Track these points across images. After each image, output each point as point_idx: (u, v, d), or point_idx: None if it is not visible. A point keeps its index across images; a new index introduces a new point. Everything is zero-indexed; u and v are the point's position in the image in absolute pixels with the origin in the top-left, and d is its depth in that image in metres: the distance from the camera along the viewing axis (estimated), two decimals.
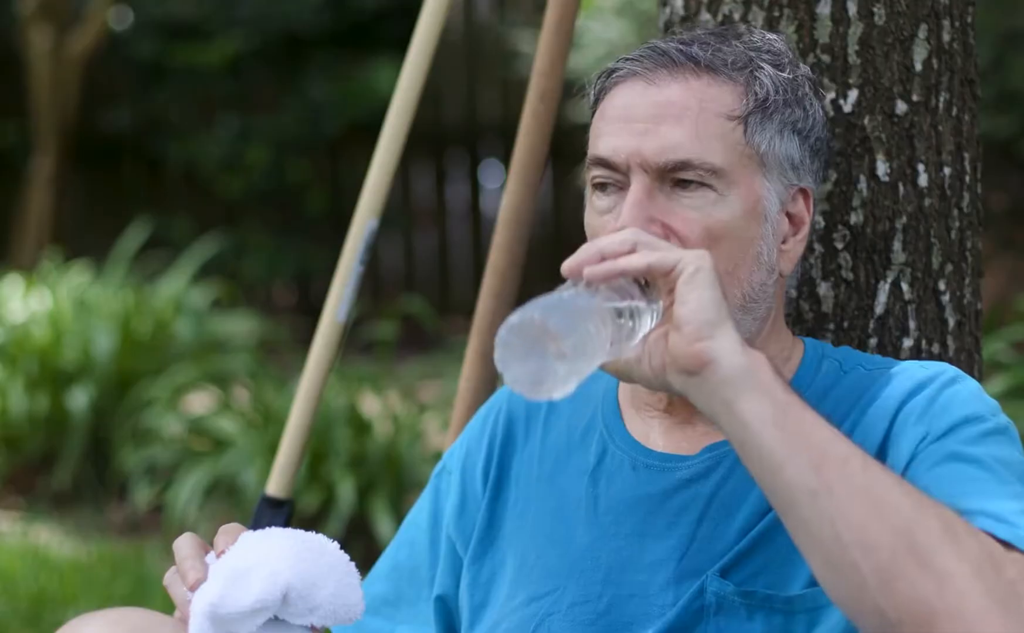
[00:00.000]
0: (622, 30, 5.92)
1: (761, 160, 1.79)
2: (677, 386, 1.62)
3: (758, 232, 1.79)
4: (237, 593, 1.64)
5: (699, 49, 1.81)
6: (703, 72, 1.79)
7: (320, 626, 1.69)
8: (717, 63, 1.80)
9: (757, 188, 1.79)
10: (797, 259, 1.85)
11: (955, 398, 1.73)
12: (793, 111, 1.82)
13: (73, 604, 4.42)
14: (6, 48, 8.79)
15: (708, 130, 1.77)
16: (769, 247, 1.80)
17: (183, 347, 5.96)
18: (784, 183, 1.81)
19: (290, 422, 2.45)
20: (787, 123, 1.81)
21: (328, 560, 1.69)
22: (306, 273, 8.90)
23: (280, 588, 1.65)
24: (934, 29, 2.09)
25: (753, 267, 1.79)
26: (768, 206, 1.80)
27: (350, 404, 5.21)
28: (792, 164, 1.82)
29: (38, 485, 5.74)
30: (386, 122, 2.43)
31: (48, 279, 6.36)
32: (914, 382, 1.76)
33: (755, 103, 1.79)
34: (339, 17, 8.69)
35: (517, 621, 1.83)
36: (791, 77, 1.83)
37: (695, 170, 1.76)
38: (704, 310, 1.60)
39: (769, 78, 1.81)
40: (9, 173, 8.80)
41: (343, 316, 2.44)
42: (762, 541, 1.74)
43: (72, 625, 1.75)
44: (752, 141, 1.79)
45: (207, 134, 8.69)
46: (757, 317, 1.81)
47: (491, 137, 9.28)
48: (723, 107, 1.78)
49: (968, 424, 1.71)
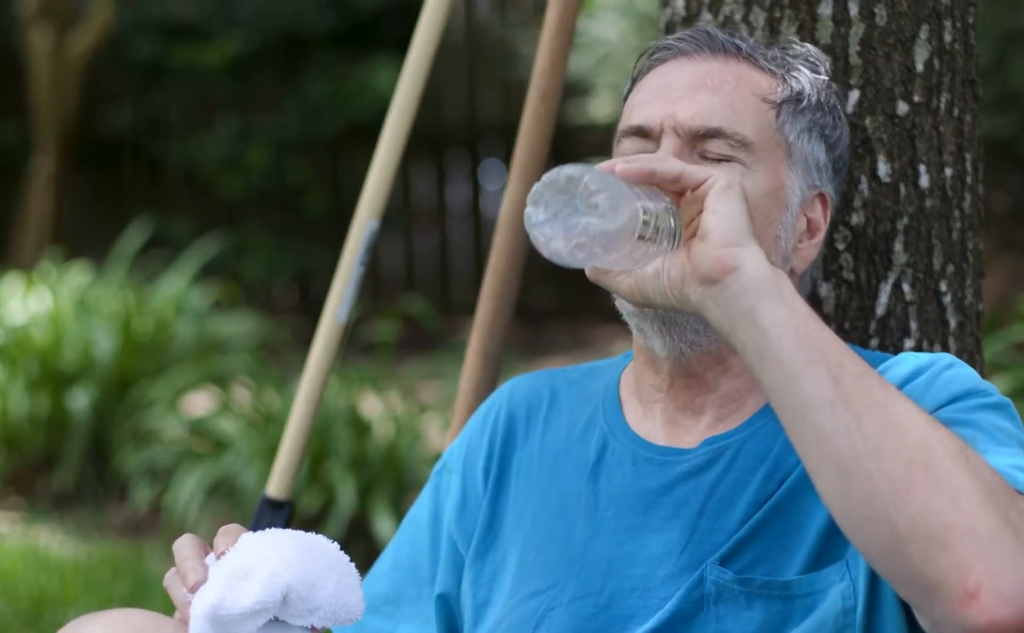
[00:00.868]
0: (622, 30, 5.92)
1: (789, 150, 1.84)
2: (694, 299, 1.62)
3: (778, 216, 1.82)
4: (237, 594, 1.64)
5: (742, 41, 1.87)
6: (744, 59, 1.85)
7: (320, 627, 1.69)
8: (757, 55, 1.86)
9: (782, 174, 1.83)
10: (810, 262, 1.87)
11: (954, 378, 1.74)
12: (824, 116, 1.88)
13: (73, 605, 4.41)
14: (6, 48, 8.78)
15: (743, 105, 1.82)
16: (787, 235, 1.83)
17: (183, 348, 5.96)
18: (807, 181, 1.85)
19: (290, 423, 2.45)
20: (816, 125, 1.86)
21: (328, 561, 1.68)
22: (306, 273, 8.90)
23: (280, 589, 1.64)
24: (935, 30, 2.09)
25: (772, 248, 1.81)
26: (790, 195, 1.83)
27: (350, 405, 5.21)
28: (817, 166, 1.86)
29: (38, 486, 5.74)
30: (386, 122, 2.43)
31: (48, 279, 6.36)
32: (912, 368, 1.76)
33: (790, 94, 1.84)
34: (339, 17, 8.69)
35: (519, 617, 1.84)
36: (825, 83, 1.89)
37: (726, 139, 1.79)
38: (734, 218, 1.61)
39: (806, 78, 1.88)
40: (9, 173, 8.80)
41: (343, 317, 2.44)
42: (761, 529, 1.75)
43: (72, 626, 1.75)
44: (783, 128, 1.83)
45: (207, 134, 8.69)
46: None
47: (491, 137, 9.28)
48: (759, 89, 1.84)
49: (968, 396, 1.71)
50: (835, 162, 1.89)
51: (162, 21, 8.66)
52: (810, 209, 1.86)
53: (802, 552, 1.72)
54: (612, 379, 1.94)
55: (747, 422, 1.83)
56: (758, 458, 1.79)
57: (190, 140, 8.67)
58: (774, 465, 1.78)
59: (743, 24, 2.09)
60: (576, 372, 2.00)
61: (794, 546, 1.71)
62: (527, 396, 1.98)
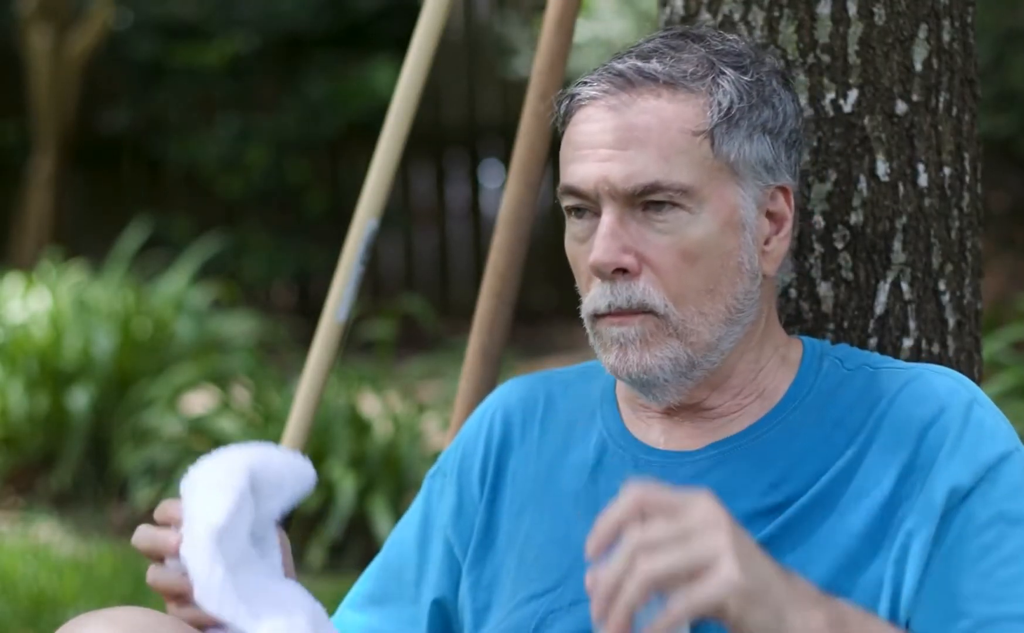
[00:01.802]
0: (622, 30, 5.92)
1: (732, 170, 1.78)
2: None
3: (737, 243, 1.78)
4: (213, 505, 1.65)
5: (657, 63, 1.79)
6: (662, 89, 1.77)
7: (290, 505, 1.73)
8: (676, 76, 1.78)
9: (731, 198, 1.78)
10: (782, 258, 1.83)
11: (983, 429, 1.72)
12: (761, 112, 1.80)
13: (73, 604, 4.41)
14: (6, 48, 8.78)
15: (674, 149, 1.76)
16: (750, 254, 1.79)
17: (183, 347, 5.96)
18: (760, 186, 1.80)
19: (290, 422, 2.45)
20: (755, 126, 1.79)
21: (255, 449, 1.73)
22: (306, 273, 8.90)
23: (244, 474, 1.68)
24: (934, 29, 2.09)
25: (736, 278, 1.78)
26: (745, 214, 1.79)
27: (350, 404, 5.21)
28: (766, 166, 1.80)
29: (38, 485, 5.74)
30: (386, 122, 2.43)
31: (48, 279, 6.36)
32: (935, 403, 1.74)
33: (719, 114, 1.77)
34: (339, 17, 8.69)
35: (518, 619, 1.83)
36: (755, 79, 1.81)
37: (665, 191, 1.75)
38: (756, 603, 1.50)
39: (731, 84, 1.78)
40: (9, 173, 8.80)
41: (343, 316, 2.44)
42: (770, 545, 1.72)
43: (72, 625, 1.74)
44: (720, 153, 1.77)
45: (207, 134, 8.69)
46: (746, 324, 1.81)
47: (491, 137, 9.28)
48: (687, 123, 1.76)
49: (1004, 463, 1.70)
50: (786, 142, 1.82)
51: (162, 21, 8.66)
52: (771, 205, 1.81)
53: (815, 576, 1.69)
54: (609, 381, 1.93)
55: (753, 426, 1.81)
56: (763, 463, 1.78)
57: (190, 140, 8.67)
58: (781, 476, 1.77)
59: (742, 24, 2.09)
60: (570, 373, 1.99)
61: (807, 569, 1.68)
62: (522, 399, 1.97)
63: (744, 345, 1.81)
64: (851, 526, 1.72)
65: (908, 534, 1.70)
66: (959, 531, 1.69)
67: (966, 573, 1.68)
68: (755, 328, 1.82)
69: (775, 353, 1.85)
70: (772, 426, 1.80)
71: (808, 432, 1.79)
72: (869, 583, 1.70)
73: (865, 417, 1.77)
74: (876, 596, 1.70)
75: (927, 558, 1.69)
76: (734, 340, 1.79)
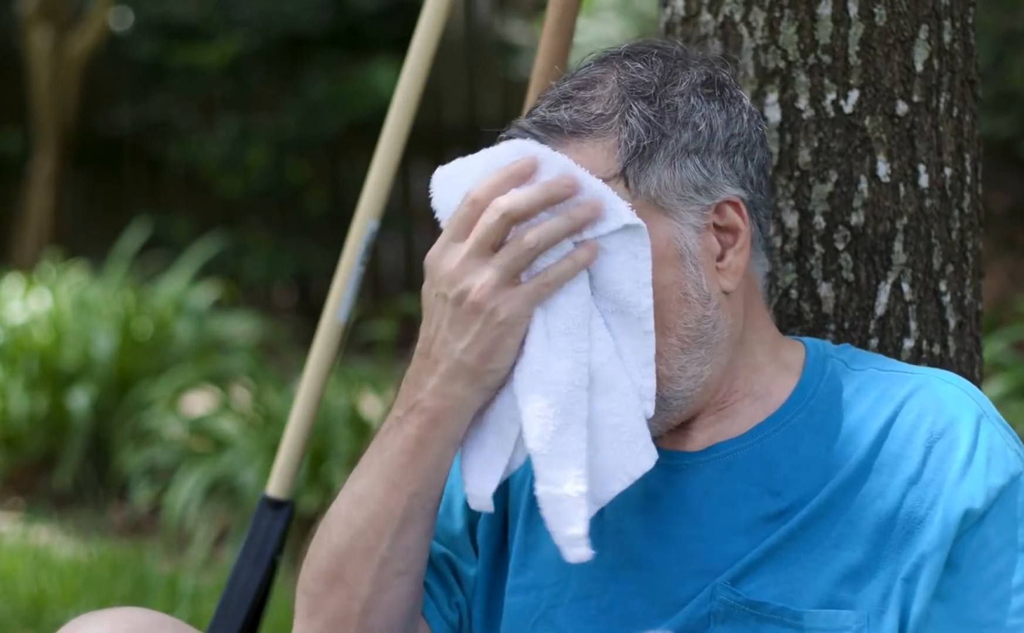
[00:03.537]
0: (622, 30, 5.92)
1: (656, 203, 1.73)
2: None
3: (676, 275, 1.73)
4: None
5: (564, 112, 1.75)
6: (569, 139, 1.74)
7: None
8: (582, 123, 1.73)
9: (662, 232, 1.73)
10: (742, 269, 1.77)
11: (993, 449, 1.71)
12: (679, 137, 1.74)
13: (73, 604, 4.41)
14: (6, 48, 8.78)
15: None
16: (696, 280, 1.74)
17: (183, 347, 5.96)
18: (694, 209, 1.74)
19: (290, 423, 2.45)
20: (674, 152, 1.73)
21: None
22: (306, 273, 8.89)
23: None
24: (935, 30, 2.09)
25: (681, 309, 1.74)
26: (682, 242, 1.74)
27: (350, 404, 5.21)
28: (696, 188, 1.74)
29: (38, 485, 5.74)
30: (386, 122, 2.43)
31: (48, 279, 6.36)
32: (942, 414, 1.73)
33: (628, 154, 1.72)
34: (339, 17, 8.69)
35: (518, 605, 1.83)
36: (663, 106, 1.74)
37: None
38: None
39: (638, 119, 1.73)
40: (9, 173, 8.80)
41: (343, 316, 2.44)
42: (775, 553, 1.73)
43: (72, 625, 1.75)
44: (639, 191, 1.72)
45: (207, 134, 8.69)
46: (713, 344, 1.76)
47: (491, 137, 9.26)
48: (596, 170, 1.71)
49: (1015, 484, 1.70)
50: (723, 155, 1.75)
51: (162, 21, 8.66)
52: (718, 220, 1.75)
53: (819, 586, 1.69)
54: None
55: (755, 429, 1.80)
56: (764, 467, 1.77)
57: (190, 140, 8.66)
58: (783, 483, 1.75)
59: (742, 24, 2.09)
60: None
61: (811, 578, 1.68)
62: None
63: (722, 357, 1.78)
64: (856, 536, 1.71)
65: (921, 555, 1.69)
66: (973, 557, 1.68)
67: (983, 602, 1.68)
68: (729, 341, 1.78)
69: (766, 354, 1.83)
70: (775, 430, 1.79)
71: (811, 438, 1.77)
72: (874, 594, 1.70)
73: (870, 424, 1.76)
74: (882, 610, 1.69)
75: (939, 581, 1.68)
76: (702, 363, 1.76)
